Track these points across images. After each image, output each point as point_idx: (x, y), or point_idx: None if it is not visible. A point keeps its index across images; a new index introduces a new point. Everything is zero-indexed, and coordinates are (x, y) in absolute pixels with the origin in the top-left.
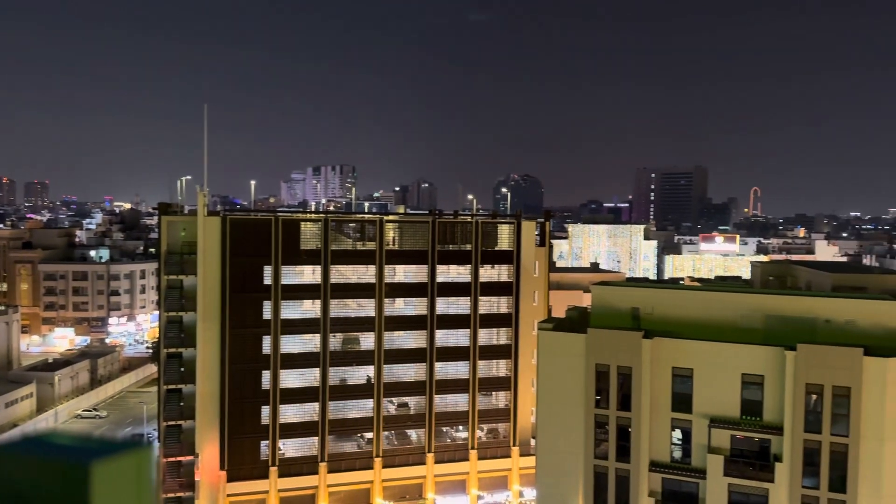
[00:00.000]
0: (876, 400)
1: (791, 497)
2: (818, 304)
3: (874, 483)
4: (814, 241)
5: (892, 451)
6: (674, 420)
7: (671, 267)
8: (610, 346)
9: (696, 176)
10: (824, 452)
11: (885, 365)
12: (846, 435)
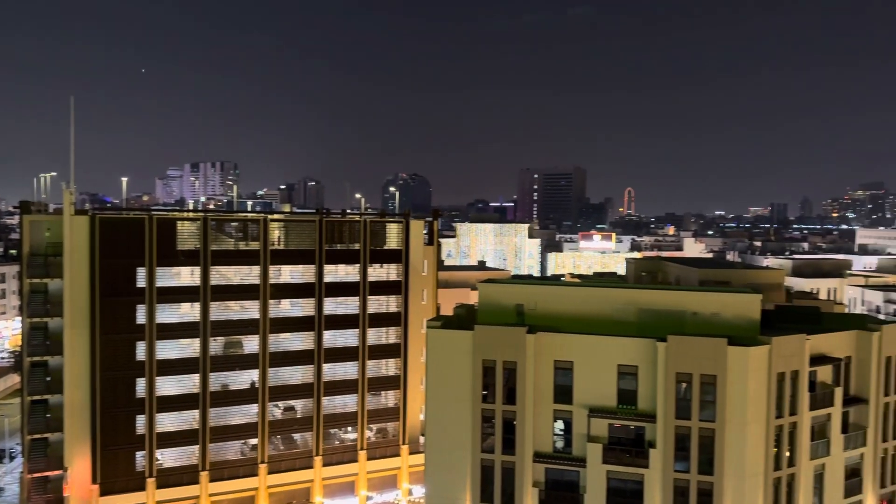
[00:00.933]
0: (739, 387)
1: (664, 481)
2: (686, 298)
3: (738, 464)
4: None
5: (753, 434)
6: (556, 411)
7: (553, 264)
8: (496, 342)
9: (576, 177)
10: (694, 437)
11: (747, 354)
12: (713, 420)
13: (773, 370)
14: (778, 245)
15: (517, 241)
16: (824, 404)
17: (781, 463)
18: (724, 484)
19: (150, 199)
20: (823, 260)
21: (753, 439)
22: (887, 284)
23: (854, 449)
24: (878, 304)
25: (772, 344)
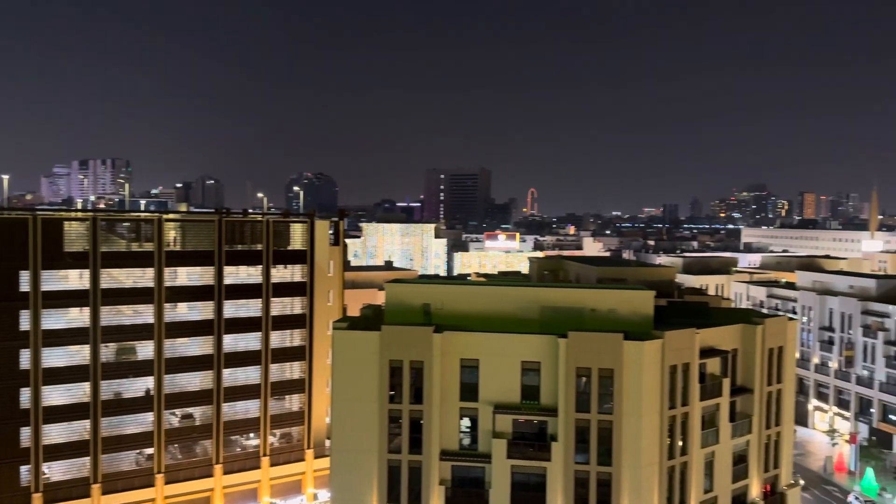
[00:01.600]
0: (634, 380)
1: (565, 473)
2: (585, 295)
3: (634, 454)
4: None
5: (648, 425)
6: (462, 409)
7: (460, 263)
8: (403, 342)
9: (481, 178)
10: (593, 430)
11: (642, 348)
12: (611, 413)
13: (666, 363)
14: (670, 244)
15: (424, 241)
16: (713, 395)
17: (675, 452)
18: (622, 474)
19: (34, 198)
20: (712, 258)
21: (649, 430)
22: (769, 280)
23: (741, 436)
24: (761, 299)
25: (664, 338)
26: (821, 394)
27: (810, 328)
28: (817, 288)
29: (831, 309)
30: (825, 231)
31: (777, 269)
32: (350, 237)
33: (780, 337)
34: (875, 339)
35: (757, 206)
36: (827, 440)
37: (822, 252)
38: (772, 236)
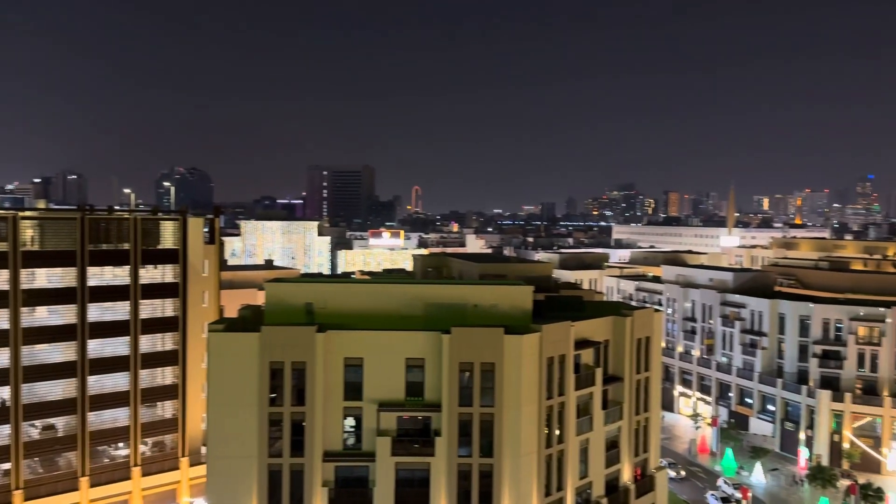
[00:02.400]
0: (514, 372)
1: (449, 467)
2: (468, 292)
3: (514, 445)
4: (465, 236)
5: (527, 416)
6: (346, 409)
7: (344, 261)
8: (284, 342)
9: (365, 175)
10: (475, 423)
11: (521, 341)
12: (492, 405)
13: (544, 355)
14: (548, 241)
15: (306, 239)
16: (587, 384)
17: (552, 440)
18: (503, 464)
19: None
20: (586, 254)
21: (528, 420)
22: (638, 275)
23: (613, 423)
24: (631, 292)
25: (542, 331)
26: (685, 380)
27: (675, 319)
28: (681, 281)
29: (693, 300)
30: (688, 228)
31: (645, 264)
32: (227, 235)
33: (648, 328)
34: (732, 328)
35: (626, 205)
36: (691, 424)
37: (685, 247)
38: (640, 233)
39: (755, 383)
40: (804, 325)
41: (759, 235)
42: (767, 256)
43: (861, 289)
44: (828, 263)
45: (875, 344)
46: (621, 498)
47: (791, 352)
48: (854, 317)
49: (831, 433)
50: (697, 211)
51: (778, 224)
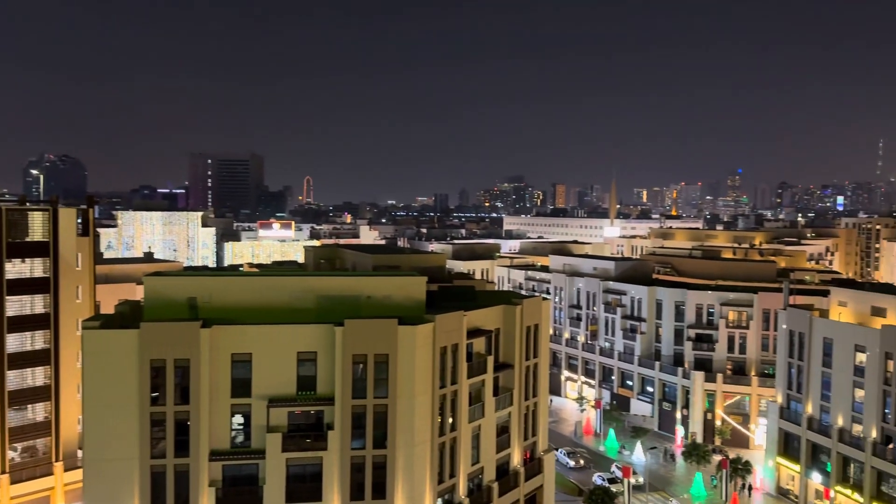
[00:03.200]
0: (408, 363)
1: (342, 460)
2: (361, 283)
3: (408, 435)
4: (359, 227)
5: (420, 405)
6: (234, 406)
7: (231, 254)
8: (166, 339)
9: (253, 164)
10: (369, 415)
11: (415, 332)
12: (386, 396)
13: (437, 345)
14: (441, 231)
15: (190, 231)
16: (479, 372)
17: (445, 428)
18: (397, 454)
19: None
20: (478, 244)
21: (421, 410)
22: (527, 264)
23: (503, 409)
24: (520, 282)
25: (436, 321)
26: (571, 365)
27: (561, 306)
28: (567, 270)
29: (578, 288)
30: (574, 219)
31: (534, 254)
32: (103, 227)
33: (536, 315)
34: (615, 315)
35: (517, 196)
36: (577, 407)
37: (571, 238)
38: (529, 224)
39: (635, 366)
40: (679, 310)
41: (639, 226)
42: (646, 246)
43: (731, 276)
44: (701, 252)
45: (743, 327)
46: (511, 481)
47: (668, 336)
48: (724, 302)
49: (705, 412)
50: (583, 203)
51: (656, 215)
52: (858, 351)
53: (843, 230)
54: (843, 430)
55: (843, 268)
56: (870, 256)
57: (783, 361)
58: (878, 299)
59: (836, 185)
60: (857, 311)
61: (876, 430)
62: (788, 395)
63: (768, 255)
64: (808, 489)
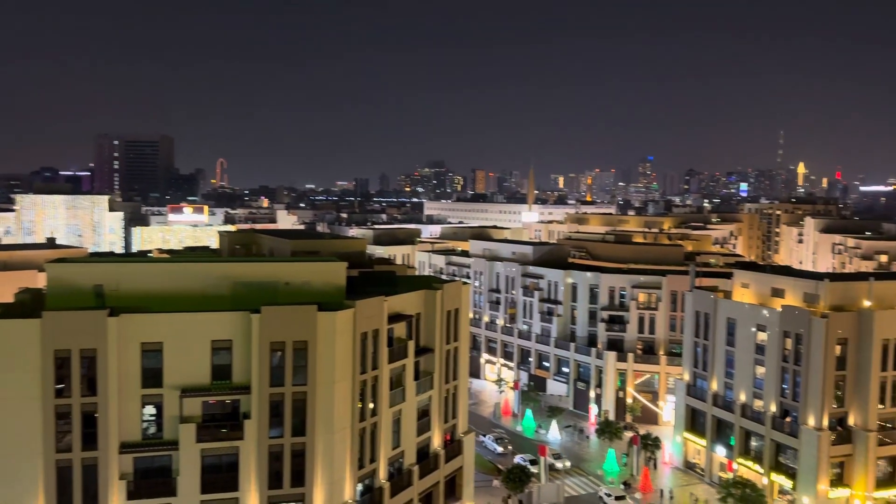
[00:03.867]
0: (328, 349)
1: (259, 449)
2: (279, 269)
3: (327, 421)
4: (276, 211)
5: (340, 392)
6: (145, 397)
7: (140, 239)
8: (70, 328)
9: (163, 145)
10: (287, 402)
11: (334, 318)
12: (305, 384)
13: (358, 331)
14: (361, 216)
15: (95, 215)
16: (400, 357)
17: (366, 414)
18: (316, 442)
19: None
20: (398, 229)
21: (341, 396)
22: (448, 249)
23: (424, 393)
24: (441, 266)
25: (356, 307)
26: (490, 348)
27: (481, 290)
28: (486, 255)
29: (498, 273)
30: (493, 204)
31: (454, 239)
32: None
33: (457, 300)
34: (532, 298)
35: (437, 182)
36: (496, 388)
37: (490, 223)
38: (450, 209)
39: (552, 348)
40: (593, 293)
41: (556, 211)
42: (562, 231)
43: (641, 259)
44: (614, 237)
45: (653, 309)
46: (432, 464)
47: (582, 318)
48: (635, 284)
49: (617, 390)
50: (502, 188)
51: (572, 201)
52: (759, 330)
53: (745, 215)
54: (746, 405)
55: (746, 251)
56: (770, 240)
57: (690, 341)
58: (777, 281)
59: (739, 172)
60: (758, 293)
61: (775, 405)
62: (695, 372)
63: (676, 240)
64: (713, 462)
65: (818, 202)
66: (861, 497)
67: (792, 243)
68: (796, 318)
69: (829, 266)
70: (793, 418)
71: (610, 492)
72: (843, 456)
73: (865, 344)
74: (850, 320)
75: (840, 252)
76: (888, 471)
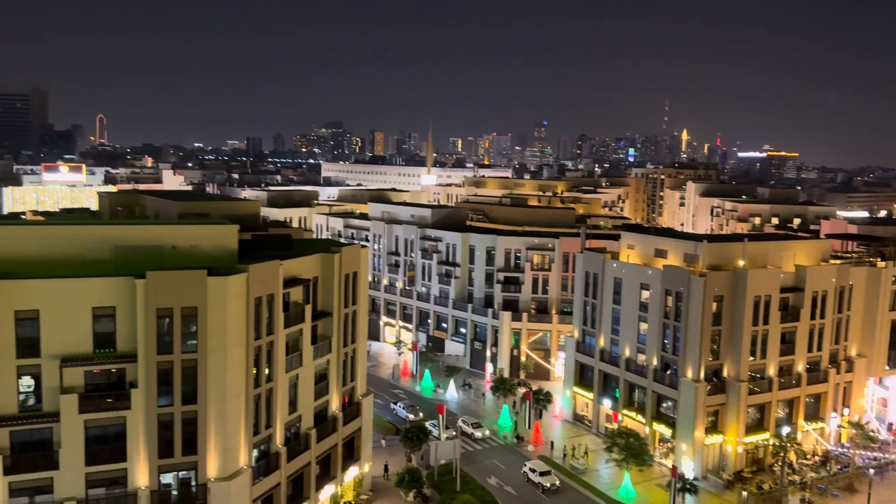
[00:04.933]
0: (219, 315)
1: (147, 418)
2: (166, 232)
3: (220, 389)
4: (161, 171)
5: (233, 358)
6: (21, 367)
7: (10, 200)
8: None
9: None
10: (177, 370)
11: (226, 283)
12: (195, 351)
13: (252, 296)
14: (254, 177)
15: None
16: (297, 321)
17: (261, 380)
18: (208, 409)
19: None
20: (295, 191)
21: (235, 363)
22: (346, 212)
23: (322, 357)
24: (339, 230)
25: (249, 271)
26: (389, 311)
27: (380, 253)
28: (385, 218)
29: (397, 236)
30: (392, 167)
31: (353, 201)
32: None
33: (355, 263)
34: (431, 261)
35: (335, 143)
36: (395, 350)
37: (389, 185)
38: (348, 171)
39: (450, 309)
40: (490, 255)
41: (454, 174)
42: (461, 194)
43: (536, 222)
44: (510, 200)
45: (546, 270)
46: (330, 427)
47: (479, 279)
48: (530, 246)
49: (511, 349)
50: (401, 151)
51: (470, 164)
52: (643, 289)
53: (633, 180)
54: (630, 360)
55: (633, 214)
56: (655, 203)
57: (580, 300)
58: (660, 242)
59: (628, 138)
60: (643, 253)
61: (657, 359)
62: (584, 330)
63: (569, 203)
64: (600, 414)
65: (699, 167)
66: (733, 442)
67: (675, 206)
68: (677, 277)
69: (708, 228)
70: (673, 371)
71: (535, 467)
72: (718, 405)
73: (739, 301)
74: (725, 279)
75: (718, 214)
76: (757, 417)
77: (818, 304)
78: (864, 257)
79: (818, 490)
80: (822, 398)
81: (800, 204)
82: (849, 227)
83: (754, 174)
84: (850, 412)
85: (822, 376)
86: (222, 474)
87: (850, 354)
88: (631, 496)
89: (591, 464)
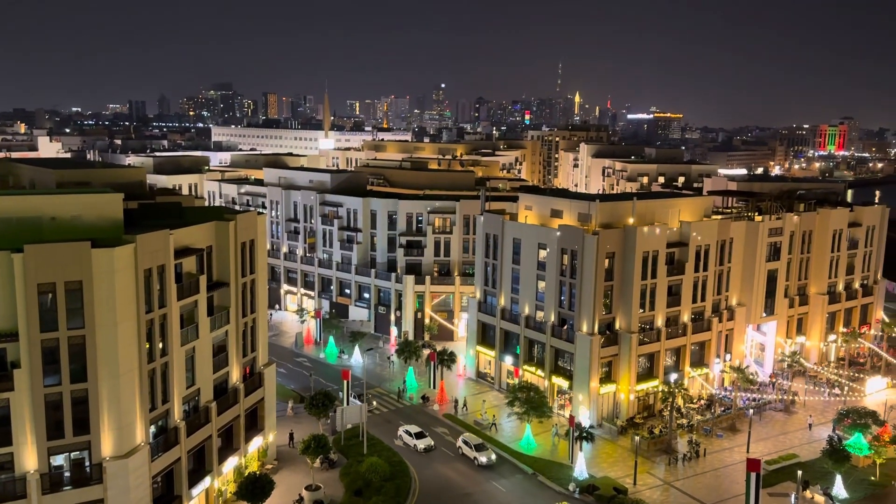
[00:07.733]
0: (106, 289)
1: (34, 399)
2: (43, 202)
3: (111, 365)
4: (36, 138)
5: (124, 333)
6: None
7: None
8: None
9: None
10: (63, 348)
11: (112, 255)
12: (82, 327)
13: (140, 267)
14: (139, 143)
15: None
16: (191, 293)
17: (155, 354)
18: (99, 387)
19: None
20: (183, 157)
21: (126, 338)
22: (240, 178)
23: (220, 328)
24: (234, 196)
25: (136, 242)
26: (290, 278)
27: (279, 220)
28: (283, 183)
29: (295, 202)
30: (288, 130)
31: (247, 167)
32: None
33: (252, 231)
34: (332, 227)
35: (225, 105)
36: (297, 318)
37: (285, 150)
38: (240, 135)
39: (352, 275)
40: (392, 219)
41: (353, 138)
42: (360, 158)
43: (437, 185)
44: (410, 164)
45: (447, 232)
46: (231, 399)
47: (382, 244)
48: (432, 210)
49: (415, 312)
50: (296, 114)
51: (369, 128)
52: (541, 248)
53: (529, 142)
54: (529, 317)
55: (530, 176)
56: (551, 165)
57: (481, 261)
58: (556, 203)
59: (524, 100)
60: (540, 214)
61: (554, 315)
62: (485, 290)
63: (468, 166)
64: (502, 370)
65: (591, 129)
66: (625, 391)
67: (569, 167)
68: (572, 236)
69: (601, 188)
70: (569, 326)
71: (468, 440)
72: (611, 356)
73: (629, 257)
74: (616, 236)
75: (609, 175)
76: (647, 366)
77: (701, 257)
78: (742, 212)
79: (704, 431)
80: (706, 346)
81: (684, 163)
82: (729, 184)
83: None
84: (731, 358)
85: (706, 325)
86: (118, 452)
87: (731, 304)
88: (532, 447)
89: (494, 419)
